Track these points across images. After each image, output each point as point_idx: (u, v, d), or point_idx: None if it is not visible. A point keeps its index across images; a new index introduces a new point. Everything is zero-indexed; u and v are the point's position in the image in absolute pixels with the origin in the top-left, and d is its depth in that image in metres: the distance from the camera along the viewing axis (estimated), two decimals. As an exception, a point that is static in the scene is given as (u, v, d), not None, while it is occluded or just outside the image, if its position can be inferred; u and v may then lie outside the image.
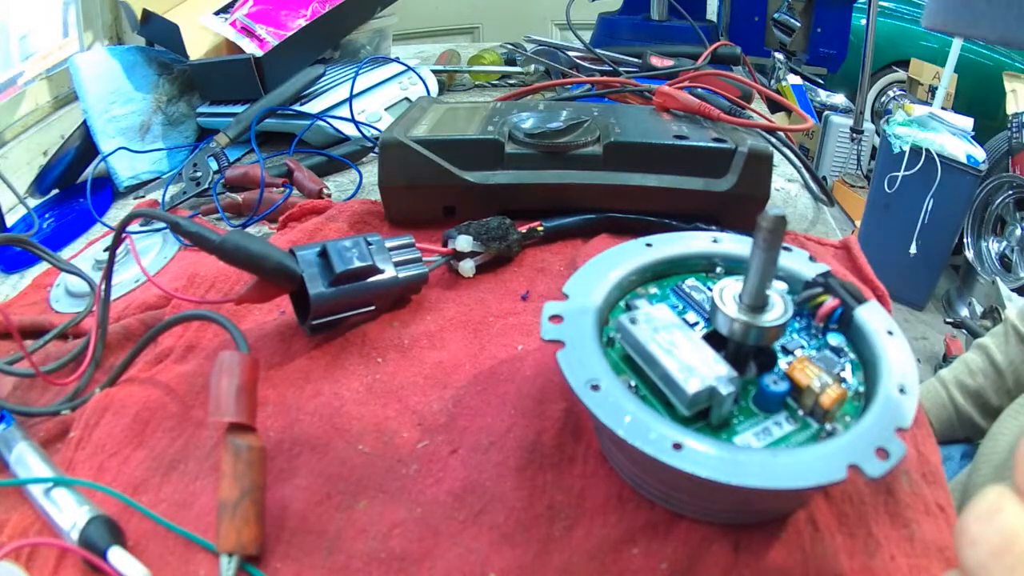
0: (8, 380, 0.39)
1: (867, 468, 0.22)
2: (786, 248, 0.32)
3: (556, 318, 0.28)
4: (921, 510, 0.28)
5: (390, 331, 0.40)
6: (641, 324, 0.28)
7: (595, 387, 0.25)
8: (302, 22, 0.74)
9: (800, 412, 0.26)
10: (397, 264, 0.40)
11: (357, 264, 0.37)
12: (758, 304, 0.27)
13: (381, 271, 0.39)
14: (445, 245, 0.44)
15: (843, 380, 0.27)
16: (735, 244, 0.34)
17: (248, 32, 0.73)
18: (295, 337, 0.40)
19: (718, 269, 0.33)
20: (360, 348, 0.39)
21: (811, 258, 0.32)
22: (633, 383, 0.27)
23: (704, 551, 0.26)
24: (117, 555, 0.27)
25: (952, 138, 1.83)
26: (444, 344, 0.39)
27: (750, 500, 0.26)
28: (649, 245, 0.33)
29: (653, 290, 0.32)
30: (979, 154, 1.80)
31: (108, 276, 0.39)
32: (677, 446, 0.23)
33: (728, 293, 0.27)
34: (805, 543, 0.26)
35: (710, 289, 0.30)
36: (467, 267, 0.44)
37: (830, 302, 0.29)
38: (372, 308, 0.40)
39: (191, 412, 0.35)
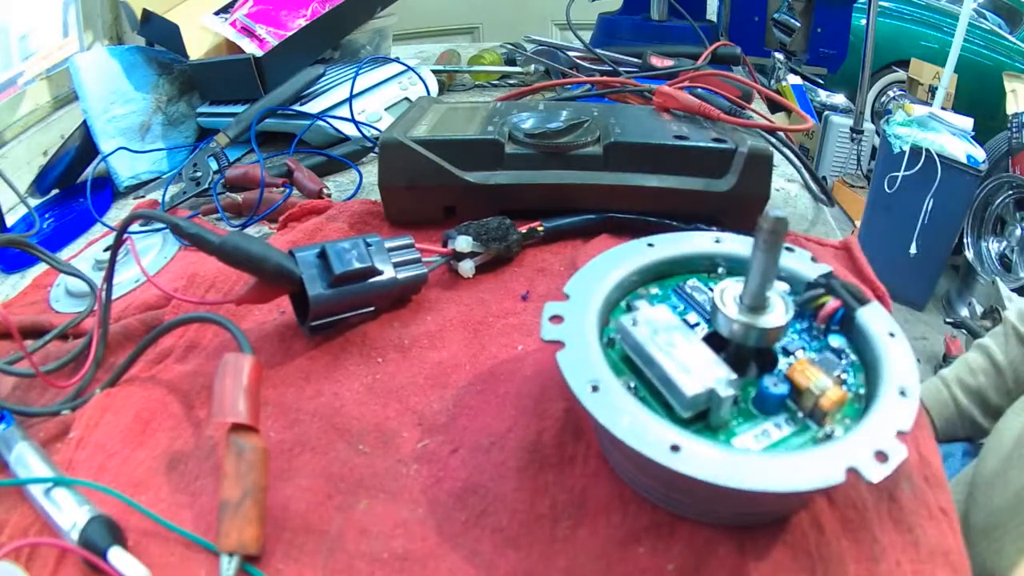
0: (8, 380, 0.39)
1: (866, 472, 0.22)
2: (788, 249, 0.32)
3: (556, 319, 0.28)
4: (924, 515, 0.28)
5: (390, 331, 0.40)
6: (641, 325, 0.28)
7: (594, 388, 0.25)
8: (302, 22, 0.74)
9: (800, 414, 0.26)
10: (396, 265, 0.40)
11: (356, 265, 0.37)
12: (759, 305, 0.27)
13: (380, 272, 0.39)
14: (445, 245, 0.44)
15: (844, 382, 0.27)
16: (737, 244, 0.33)
17: (248, 32, 0.73)
18: (295, 337, 0.40)
19: (720, 269, 0.33)
20: (360, 348, 0.39)
21: (813, 259, 0.32)
22: (633, 384, 0.27)
23: (710, 553, 0.26)
24: (117, 555, 0.26)
25: (952, 138, 1.83)
26: (444, 344, 0.39)
27: (750, 502, 0.26)
28: (651, 245, 0.33)
29: (654, 290, 0.32)
30: (979, 154, 1.80)
31: (109, 277, 0.39)
32: (675, 448, 0.23)
33: (729, 294, 0.27)
34: (811, 547, 0.26)
35: (711, 290, 0.30)
36: (467, 267, 0.44)
37: (832, 303, 0.29)
38: (372, 309, 0.40)
39: (192, 412, 0.35)
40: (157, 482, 0.31)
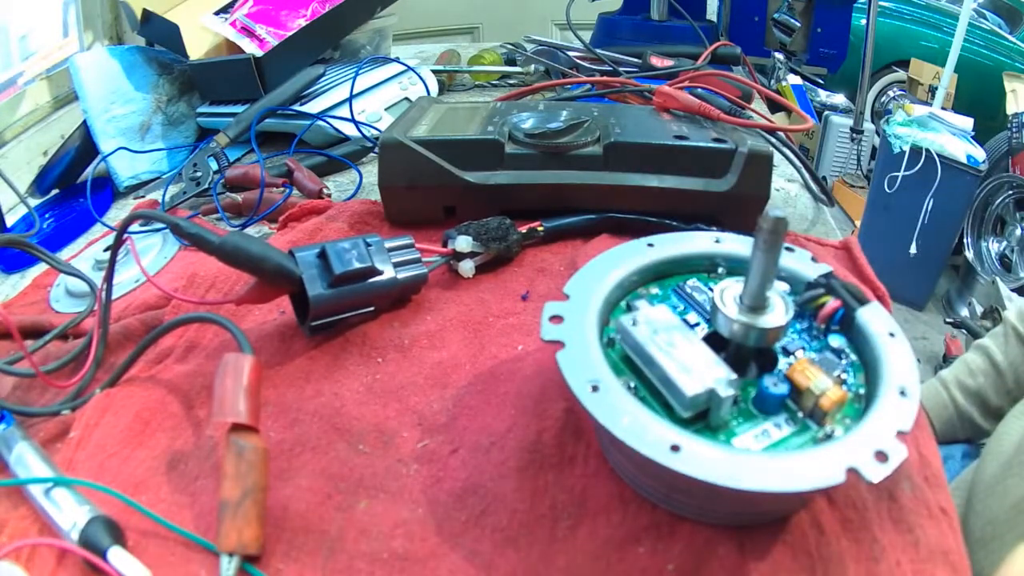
0: (8, 380, 0.39)
1: (866, 472, 0.22)
2: (788, 248, 0.32)
3: (556, 318, 0.28)
4: (924, 514, 0.28)
5: (390, 331, 0.40)
6: (641, 325, 0.28)
7: (594, 388, 0.25)
8: (302, 22, 0.74)
9: (800, 414, 0.26)
10: (396, 265, 0.40)
11: (356, 266, 0.37)
12: (759, 305, 0.27)
13: (380, 272, 0.39)
14: (445, 245, 0.44)
15: (844, 382, 0.27)
16: (737, 244, 0.33)
17: (248, 32, 0.73)
18: (295, 337, 0.40)
19: (720, 269, 0.33)
20: (360, 348, 0.39)
21: (813, 259, 0.32)
22: (633, 384, 0.27)
23: (710, 552, 0.26)
24: (117, 555, 0.26)
25: (952, 138, 1.83)
26: (444, 344, 0.39)
27: (750, 502, 0.26)
28: (651, 245, 0.33)
29: (654, 290, 0.32)
30: (979, 154, 1.80)
31: (109, 278, 0.39)
32: (675, 448, 0.23)
33: (729, 294, 0.27)
34: (811, 547, 0.26)
35: (711, 290, 0.30)
36: (467, 267, 0.44)
37: (832, 303, 0.29)
38: (372, 309, 0.40)
39: (192, 412, 0.35)
40: (157, 482, 0.31)
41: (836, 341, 0.29)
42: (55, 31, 0.84)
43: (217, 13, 0.77)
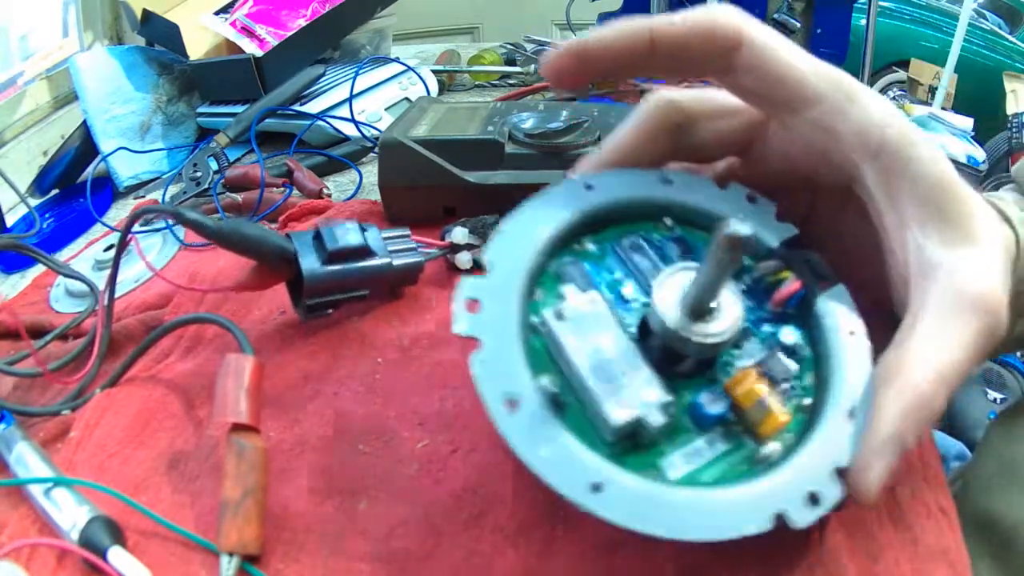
0: (8, 380, 0.39)
1: (794, 516, 0.21)
2: (750, 199, 0.28)
3: (473, 302, 0.23)
4: (923, 514, 0.28)
5: (390, 331, 0.40)
6: (567, 321, 0.24)
7: (513, 403, 0.21)
8: (302, 22, 0.75)
9: (737, 428, 0.24)
10: (392, 252, 0.40)
11: (351, 242, 0.38)
12: (702, 314, 0.23)
13: (375, 254, 0.39)
14: (442, 240, 0.44)
15: (790, 390, 0.25)
16: (689, 188, 0.28)
17: (248, 32, 0.73)
18: (295, 337, 0.40)
19: (668, 220, 0.28)
20: (360, 348, 0.39)
21: (777, 216, 0.27)
22: (556, 389, 0.23)
23: (710, 553, 0.26)
24: (117, 555, 0.26)
25: (952, 138, 1.83)
26: (444, 344, 0.39)
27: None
28: (589, 187, 0.28)
29: (590, 246, 0.27)
30: (979, 154, 1.80)
31: (114, 277, 0.39)
32: (596, 487, 0.21)
33: (669, 289, 0.23)
34: (810, 547, 0.26)
35: (655, 248, 0.27)
36: (464, 259, 0.44)
37: (789, 286, 0.25)
38: (366, 292, 0.40)
39: (192, 412, 0.35)
40: (157, 482, 0.31)
41: (790, 335, 0.25)
42: (55, 31, 0.84)
43: (217, 13, 0.77)
